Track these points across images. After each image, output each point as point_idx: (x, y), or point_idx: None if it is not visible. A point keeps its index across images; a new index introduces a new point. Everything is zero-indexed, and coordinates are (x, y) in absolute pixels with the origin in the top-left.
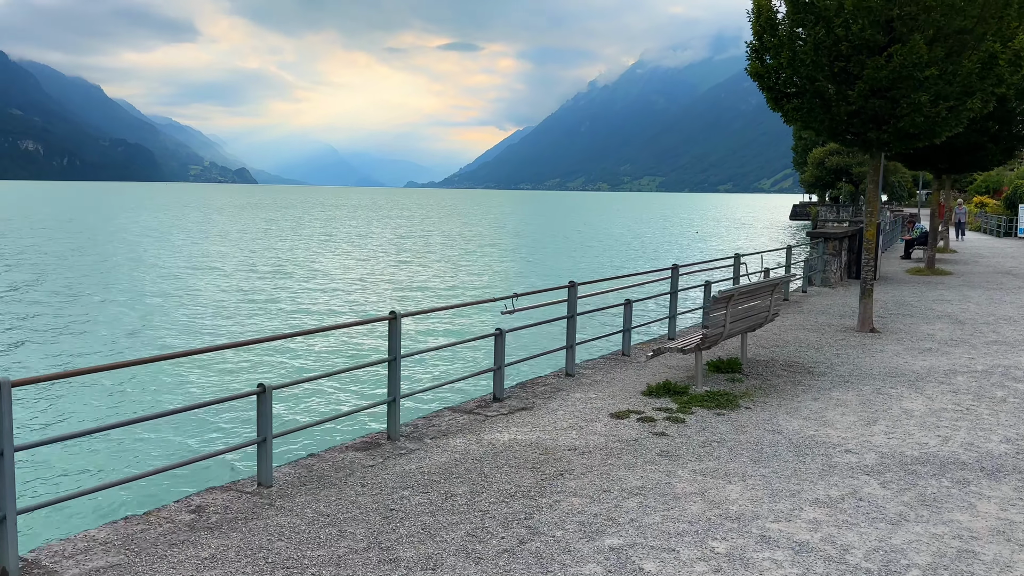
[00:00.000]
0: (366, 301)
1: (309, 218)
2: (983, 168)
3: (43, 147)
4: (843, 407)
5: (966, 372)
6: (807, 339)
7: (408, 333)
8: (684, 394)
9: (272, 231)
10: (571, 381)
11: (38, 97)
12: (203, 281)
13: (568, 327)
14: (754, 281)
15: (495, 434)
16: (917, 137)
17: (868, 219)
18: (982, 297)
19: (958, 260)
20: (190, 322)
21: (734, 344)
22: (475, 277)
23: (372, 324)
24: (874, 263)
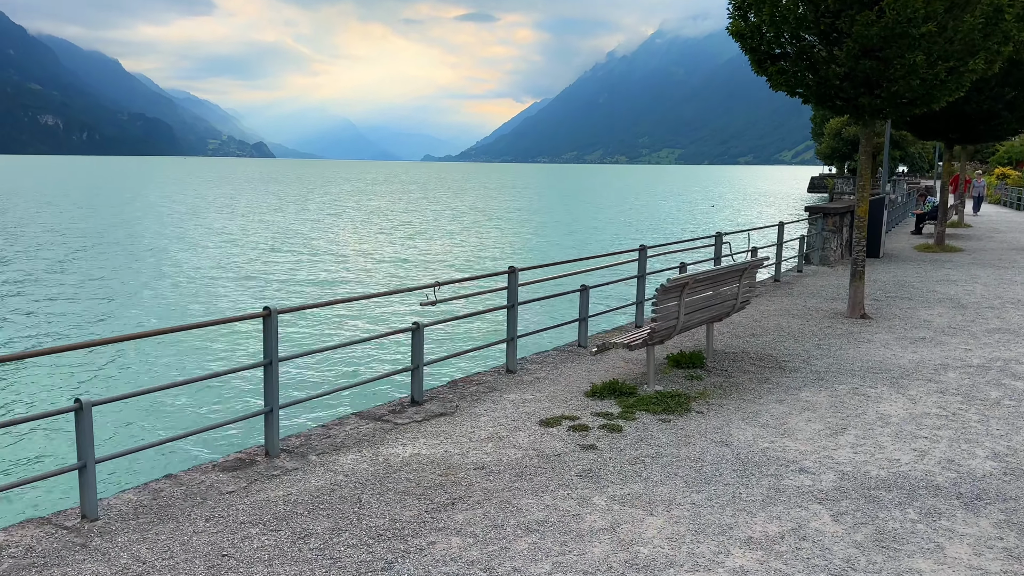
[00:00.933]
0: (243, 295)
1: (316, 194)
2: (997, 138)
3: (63, 122)
4: (810, 411)
5: (959, 367)
6: (789, 326)
7: (296, 333)
8: (631, 395)
9: (275, 207)
10: (510, 379)
11: (57, 71)
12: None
13: (508, 318)
14: (729, 264)
15: (397, 448)
16: (914, 103)
17: (859, 193)
18: (991, 277)
19: (971, 235)
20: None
21: (703, 333)
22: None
23: (245, 322)
24: (866, 242)
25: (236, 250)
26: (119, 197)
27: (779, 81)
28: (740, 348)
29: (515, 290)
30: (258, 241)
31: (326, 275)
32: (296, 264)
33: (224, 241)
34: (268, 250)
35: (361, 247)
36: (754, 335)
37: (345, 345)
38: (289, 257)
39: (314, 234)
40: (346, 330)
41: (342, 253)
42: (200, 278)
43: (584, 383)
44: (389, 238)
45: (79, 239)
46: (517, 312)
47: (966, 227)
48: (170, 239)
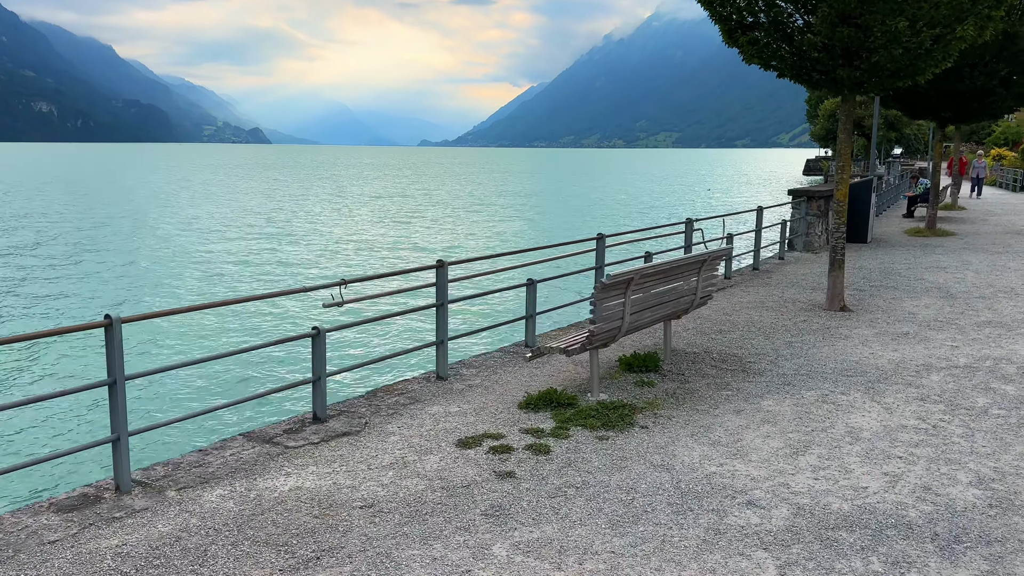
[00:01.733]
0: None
1: (288, 181)
2: (992, 116)
3: (57, 109)
4: (770, 424)
5: (944, 368)
6: (761, 321)
7: (163, 342)
8: (570, 406)
9: (257, 193)
10: (439, 388)
11: (50, 58)
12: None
13: (438, 318)
14: (686, 255)
15: (278, 479)
16: (897, 75)
17: (838, 176)
18: (983, 263)
19: (965, 219)
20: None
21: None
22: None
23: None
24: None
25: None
26: (99, 184)
27: (751, 53)
28: (703, 347)
29: (444, 287)
30: (169, 232)
31: (213, 273)
32: (189, 261)
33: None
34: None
35: (275, 244)
36: (721, 331)
37: (230, 355)
38: (198, 250)
39: (246, 225)
40: (238, 336)
41: (257, 248)
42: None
43: (522, 392)
44: (338, 228)
45: (42, 227)
46: (447, 311)
47: (960, 210)
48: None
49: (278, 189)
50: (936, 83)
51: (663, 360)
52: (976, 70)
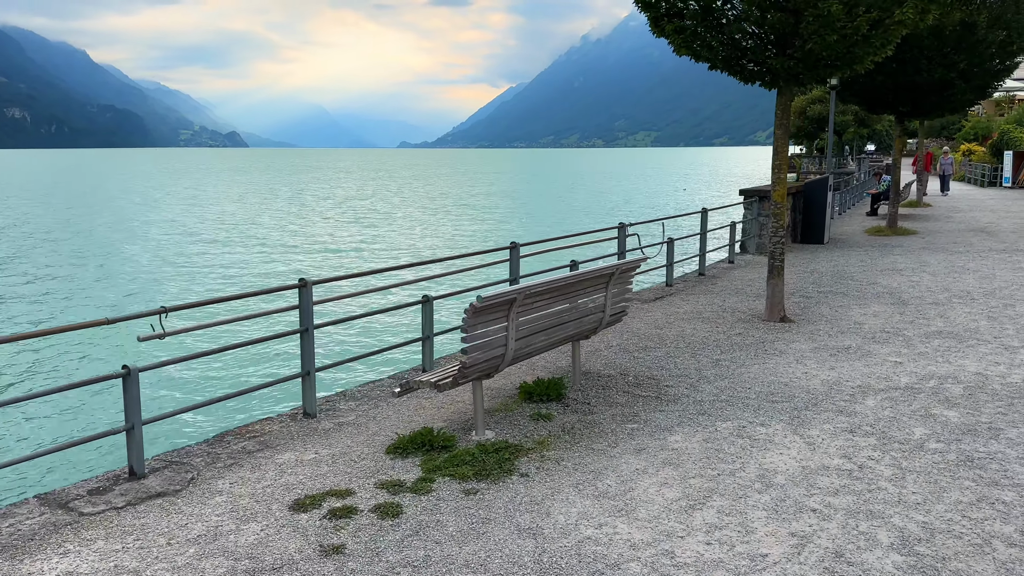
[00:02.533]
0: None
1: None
2: (952, 110)
3: (30, 115)
4: (672, 467)
5: (883, 390)
6: (693, 334)
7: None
8: (446, 449)
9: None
10: (303, 428)
11: (23, 63)
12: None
13: (303, 345)
14: (601, 266)
15: (48, 561)
16: (834, 64)
17: (774, 175)
18: (941, 264)
19: (930, 216)
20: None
21: (591, 346)
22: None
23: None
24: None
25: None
26: (58, 191)
27: (679, 43)
28: (622, 368)
29: (309, 309)
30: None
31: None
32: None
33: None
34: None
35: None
36: (646, 347)
37: (33, 397)
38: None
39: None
40: (41, 376)
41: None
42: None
43: (397, 430)
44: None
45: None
46: (313, 336)
47: (926, 207)
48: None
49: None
50: (894, 76)
51: (570, 386)
52: (934, 62)
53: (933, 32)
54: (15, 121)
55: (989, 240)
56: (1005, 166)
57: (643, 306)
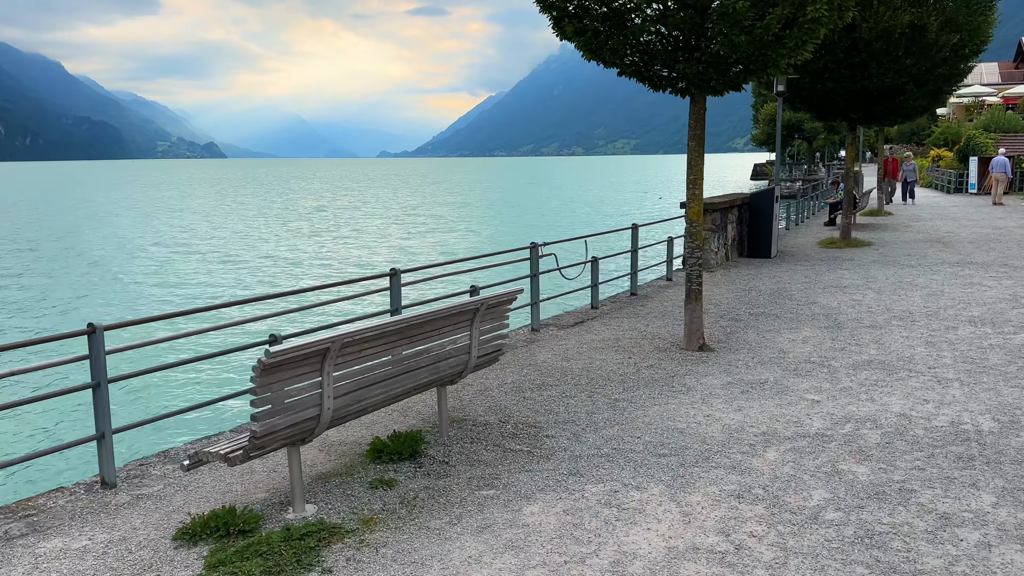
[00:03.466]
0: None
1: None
2: (906, 116)
3: (3, 127)
4: (514, 553)
5: (789, 438)
6: (600, 367)
7: None
8: (246, 534)
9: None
10: (92, 501)
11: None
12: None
13: (95, 402)
14: (460, 302)
15: None
16: (748, 68)
17: (689, 191)
18: (889, 280)
19: (888, 225)
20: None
21: (481, 383)
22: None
23: None
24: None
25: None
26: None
27: (582, 46)
28: (504, 412)
29: (100, 359)
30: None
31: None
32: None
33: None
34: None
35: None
36: (542, 385)
37: None
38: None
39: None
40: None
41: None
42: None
43: (209, 504)
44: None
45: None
46: (107, 392)
47: (887, 215)
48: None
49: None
50: (843, 82)
51: (433, 440)
52: (884, 67)
53: (882, 35)
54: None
55: (944, 251)
56: (970, 172)
57: (559, 333)
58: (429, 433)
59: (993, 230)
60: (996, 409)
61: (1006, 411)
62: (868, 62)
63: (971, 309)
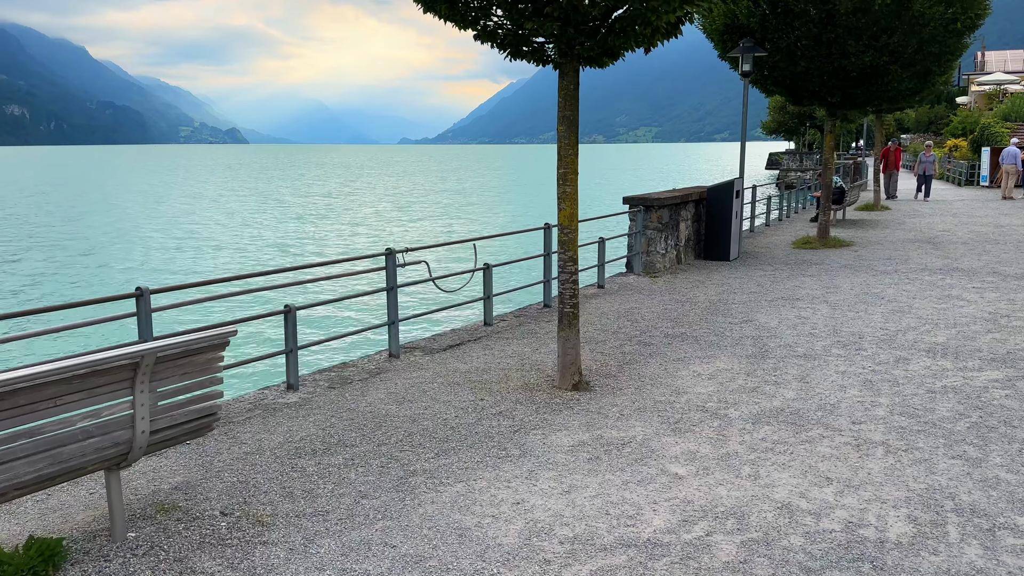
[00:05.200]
0: None
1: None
2: (891, 101)
3: (28, 111)
4: None
5: (606, 549)
6: (433, 415)
7: None
8: None
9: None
10: None
11: (22, 60)
12: None
13: None
14: (113, 354)
15: None
16: (615, 29)
17: (561, 188)
18: (853, 290)
19: (880, 222)
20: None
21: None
22: None
23: None
24: (575, 266)
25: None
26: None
27: (454, 16)
28: (243, 492)
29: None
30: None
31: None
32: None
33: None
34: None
35: None
36: (330, 447)
37: None
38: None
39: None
40: None
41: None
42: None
43: None
44: None
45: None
46: None
47: (883, 210)
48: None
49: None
50: (816, 61)
51: (87, 551)
52: (862, 44)
53: (859, 6)
54: (14, 118)
55: (931, 254)
56: (982, 163)
57: (420, 360)
58: (99, 536)
59: (994, 229)
60: (919, 499)
61: (932, 504)
62: (844, 38)
63: (937, 332)
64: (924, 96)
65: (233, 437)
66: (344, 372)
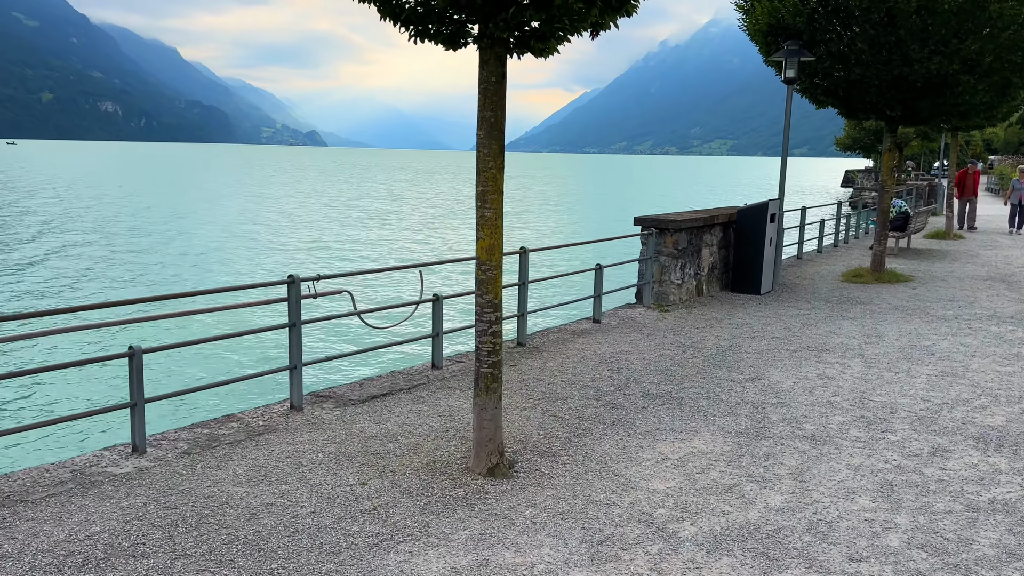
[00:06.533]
0: None
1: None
2: (962, 116)
3: (121, 108)
4: None
5: None
6: (279, 513)
7: None
8: None
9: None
10: None
11: (118, 59)
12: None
13: None
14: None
15: None
16: (542, 10)
17: (480, 210)
18: (898, 342)
19: (949, 253)
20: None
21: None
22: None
23: None
24: (496, 312)
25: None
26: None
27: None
28: None
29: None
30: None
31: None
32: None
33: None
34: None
35: None
36: (136, 549)
37: None
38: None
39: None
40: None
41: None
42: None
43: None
44: None
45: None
46: None
47: (955, 239)
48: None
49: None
50: (874, 68)
51: None
52: (928, 49)
53: (924, 6)
54: (108, 115)
55: (1004, 296)
56: None
57: (324, 417)
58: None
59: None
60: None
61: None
62: (907, 42)
63: (994, 410)
64: (1003, 111)
65: (8, 528)
66: (220, 429)
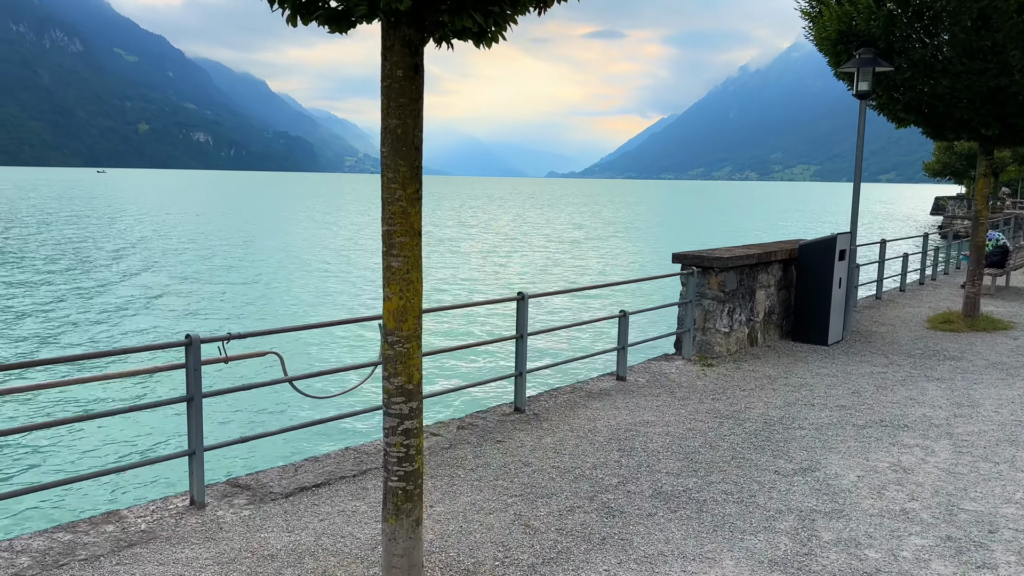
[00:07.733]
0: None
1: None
2: None
3: (212, 138)
4: None
5: None
6: None
7: None
8: None
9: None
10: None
11: (210, 92)
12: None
13: None
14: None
15: None
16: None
17: (386, 261)
18: (999, 415)
19: None
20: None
21: None
22: None
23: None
24: (417, 404)
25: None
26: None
27: None
28: None
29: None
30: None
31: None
32: None
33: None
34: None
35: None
36: None
37: None
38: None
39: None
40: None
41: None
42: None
43: None
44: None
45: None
46: None
47: None
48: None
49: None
50: (965, 78)
51: None
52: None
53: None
54: (199, 144)
55: None
56: None
57: (226, 518)
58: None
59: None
60: None
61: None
62: (1006, 47)
63: None
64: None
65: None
66: (85, 536)
